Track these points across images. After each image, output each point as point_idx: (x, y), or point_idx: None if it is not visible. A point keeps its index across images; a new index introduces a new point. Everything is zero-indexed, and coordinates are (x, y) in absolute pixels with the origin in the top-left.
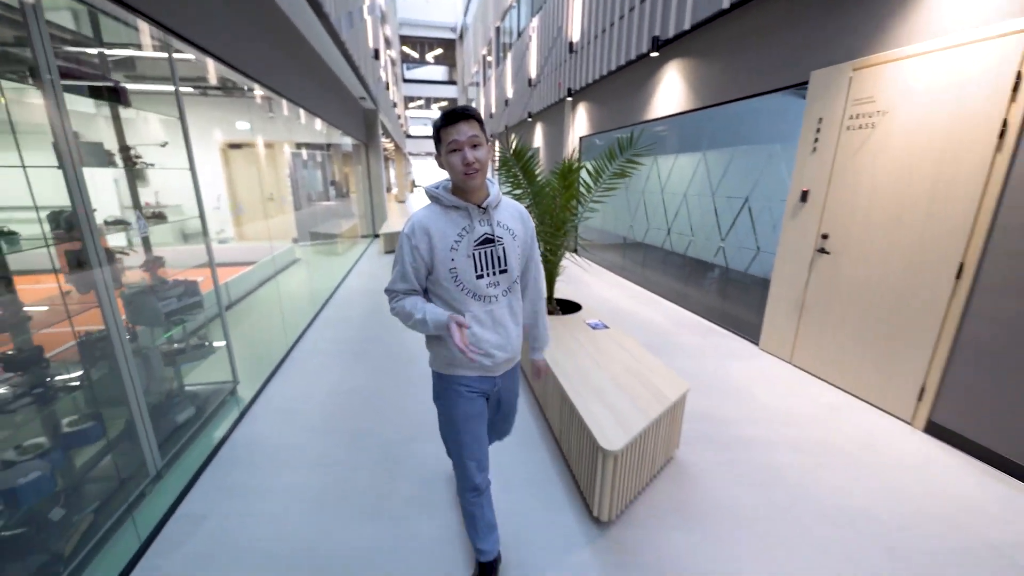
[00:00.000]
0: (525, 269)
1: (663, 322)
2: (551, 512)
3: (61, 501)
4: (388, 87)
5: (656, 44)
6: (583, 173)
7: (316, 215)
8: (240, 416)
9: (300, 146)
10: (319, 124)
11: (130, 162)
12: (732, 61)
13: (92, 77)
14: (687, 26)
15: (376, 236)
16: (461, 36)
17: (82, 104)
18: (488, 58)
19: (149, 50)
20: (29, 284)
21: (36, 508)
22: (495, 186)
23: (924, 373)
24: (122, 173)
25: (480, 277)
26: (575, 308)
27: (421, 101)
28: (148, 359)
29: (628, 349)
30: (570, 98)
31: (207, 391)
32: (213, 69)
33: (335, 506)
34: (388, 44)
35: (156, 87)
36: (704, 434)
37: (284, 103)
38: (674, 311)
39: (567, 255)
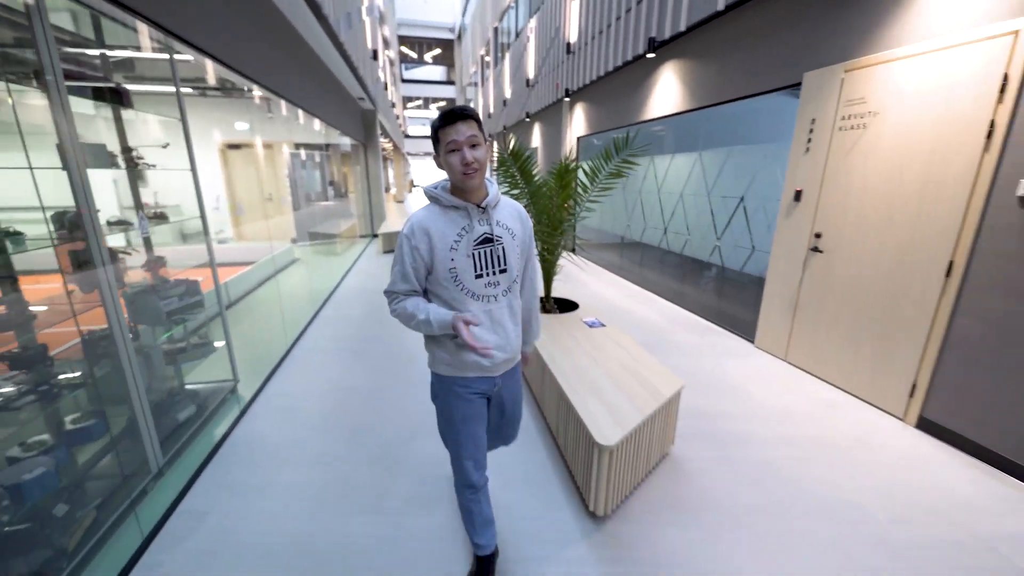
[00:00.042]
0: (523, 267)
1: (660, 320)
2: (548, 507)
3: (65, 497)
4: (386, 87)
5: (652, 45)
6: (580, 173)
7: (315, 215)
8: (240, 414)
9: (299, 146)
10: (317, 124)
11: (132, 163)
12: (727, 62)
13: (95, 79)
14: (683, 27)
15: (375, 236)
16: (459, 36)
17: (83, 105)
18: (486, 58)
19: (149, 51)
20: (32, 284)
21: (40, 504)
22: (494, 186)
23: (915, 370)
24: (120, 174)
25: (479, 276)
26: (572, 307)
27: (419, 101)
28: (150, 358)
29: (624, 347)
30: (568, 98)
31: (208, 389)
32: (212, 70)
33: (335, 502)
34: (386, 44)
35: (154, 88)
36: (699, 430)
37: (283, 103)
38: (671, 310)
39: (564, 254)
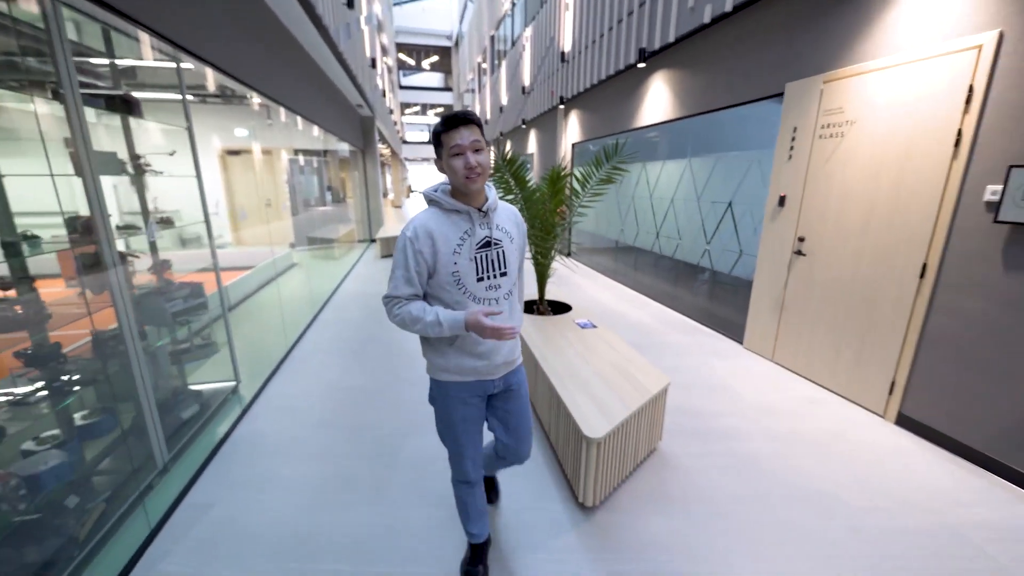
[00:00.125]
0: (521, 270)
1: (651, 322)
2: (539, 499)
3: (76, 489)
4: (385, 94)
5: (643, 55)
6: (571, 179)
7: (313, 220)
8: (242, 413)
9: (297, 152)
10: (316, 131)
11: (140, 170)
12: (714, 72)
13: (107, 89)
14: (671, 39)
15: (372, 241)
16: (457, 44)
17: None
18: (483, 65)
19: (155, 61)
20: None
21: (53, 495)
22: (493, 190)
23: (894, 368)
24: (120, 180)
25: (480, 280)
26: (565, 309)
27: (417, 107)
28: (156, 357)
29: (614, 347)
30: (562, 106)
31: (210, 390)
32: (212, 77)
33: (335, 495)
34: (385, 52)
35: (156, 95)
36: (687, 427)
37: (282, 110)
38: (663, 312)
39: (557, 258)
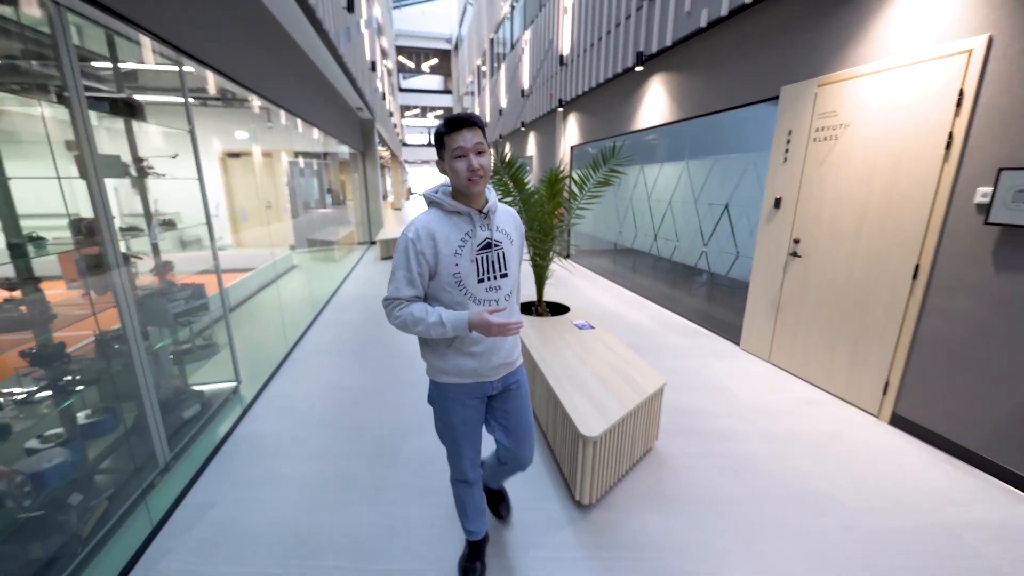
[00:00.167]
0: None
1: (650, 324)
2: (537, 497)
3: (80, 486)
4: (384, 97)
5: (640, 59)
6: (569, 182)
7: (313, 222)
8: (243, 414)
9: (298, 155)
10: (316, 133)
11: (143, 173)
12: (710, 76)
13: (111, 93)
14: (668, 42)
15: (372, 243)
16: (456, 47)
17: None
18: (483, 68)
19: (157, 65)
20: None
21: (57, 493)
22: (492, 192)
23: (888, 369)
24: (120, 183)
25: (481, 281)
26: (563, 310)
27: (417, 110)
28: (158, 357)
29: (611, 347)
30: (561, 108)
31: (211, 390)
32: (212, 80)
33: (334, 494)
34: (385, 55)
35: (159, 98)
36: (683, 427)
37: (282, 113)
38: (661, 313)
39: (555, 260)
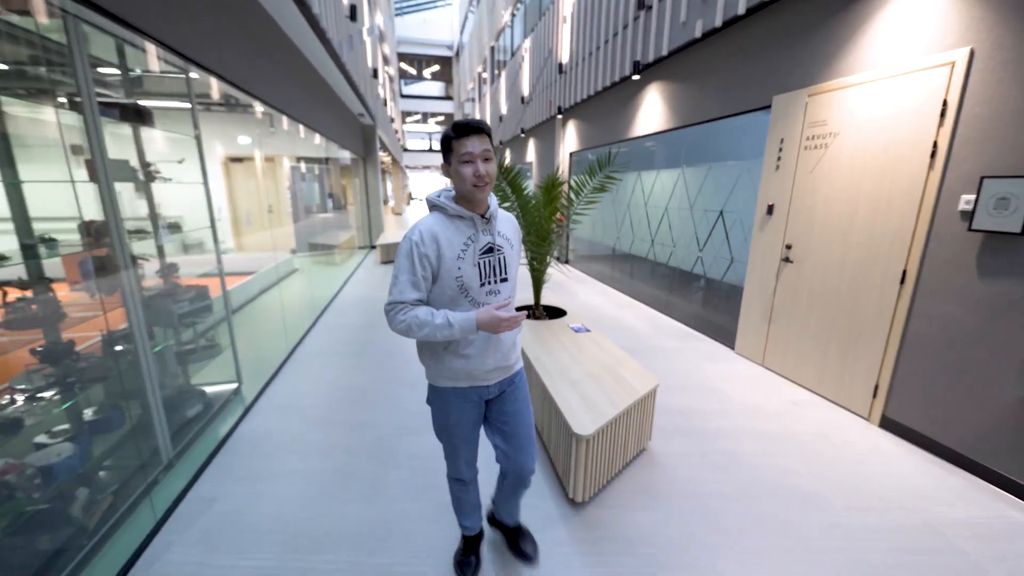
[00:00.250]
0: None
1: (646, 328)
2: (531, 495)
3: (86, 481)
4: (386, 103)
5: (637, 68)
6: (566, 188)
7: (314, 227)
8: (244, 413)
9: (299, 160)
10: (318, 139)
11: (150, 177)
12: (705, 85)
13: (121, 100)
14: (664, 52)
15: (373, 247)
16: (457, 54)
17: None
18: (483, 75)
19: (163, 72)
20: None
21: (64, 487)
22: (493, 197)
23: (877, 372)
24: (126, 186)
25: (482, 285)
26: (560, 313)
27: (418, 116)
28: (162, 357)
29: (606, 350)
30: (560, 115)
31: (213, 390)
32: (216, 86)
33: (334, 490)
34: (386, 61)
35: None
36: (676, 428)
37: (284, 119)
38: (657, 318)
39: (553, 264)
